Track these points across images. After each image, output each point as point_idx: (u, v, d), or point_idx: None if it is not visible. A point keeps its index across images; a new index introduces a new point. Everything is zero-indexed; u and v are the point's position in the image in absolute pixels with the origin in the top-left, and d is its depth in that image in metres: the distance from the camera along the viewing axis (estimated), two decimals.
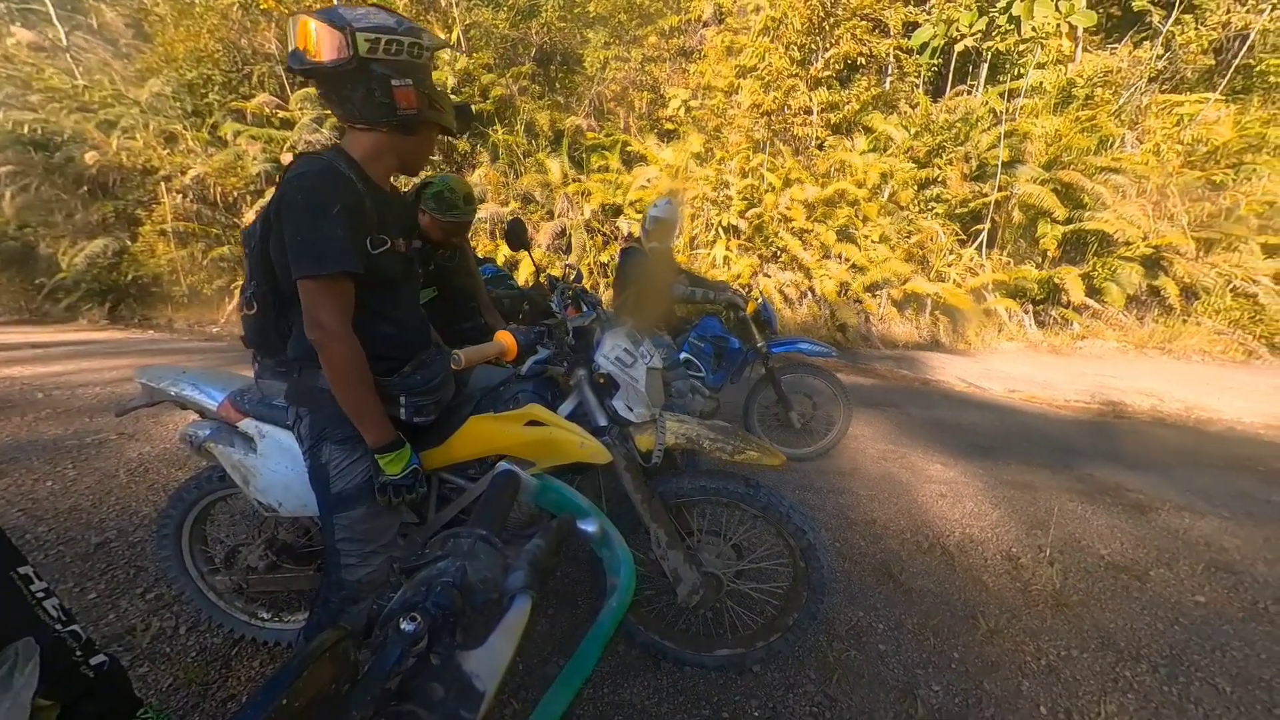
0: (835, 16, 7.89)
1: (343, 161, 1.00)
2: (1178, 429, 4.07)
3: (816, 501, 2.54)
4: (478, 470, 1.26)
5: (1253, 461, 3.30)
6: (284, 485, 1.26)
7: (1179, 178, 6.95)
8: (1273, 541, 2.32)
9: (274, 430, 1.27)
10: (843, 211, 7.32)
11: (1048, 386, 4.99)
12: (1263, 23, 7.77)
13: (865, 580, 1.94)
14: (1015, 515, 2.49)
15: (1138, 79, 7.86)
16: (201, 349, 6.36)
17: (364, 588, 1.12)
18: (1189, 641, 1.69)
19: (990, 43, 7.96)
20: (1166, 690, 1.49)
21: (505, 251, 7.30)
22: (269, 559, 1.44)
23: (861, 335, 6.98)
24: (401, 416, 1.13)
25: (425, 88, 1.00)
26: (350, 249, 0.94)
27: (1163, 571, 2.07)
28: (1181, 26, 8.22)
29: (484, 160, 8.43)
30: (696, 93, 8.56)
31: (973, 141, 7.47)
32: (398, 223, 1.10)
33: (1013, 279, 7.11)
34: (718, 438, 1.30)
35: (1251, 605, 1.88)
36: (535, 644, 1.55)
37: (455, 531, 0.56)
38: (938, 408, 4.35)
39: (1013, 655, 1.60)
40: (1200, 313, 6.72)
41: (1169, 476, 3.03)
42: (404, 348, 1.14)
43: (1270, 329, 6.35)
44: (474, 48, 8.98)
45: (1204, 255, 6.80)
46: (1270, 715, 1.42)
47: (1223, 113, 7.52)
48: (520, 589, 0.50)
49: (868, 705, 1.41)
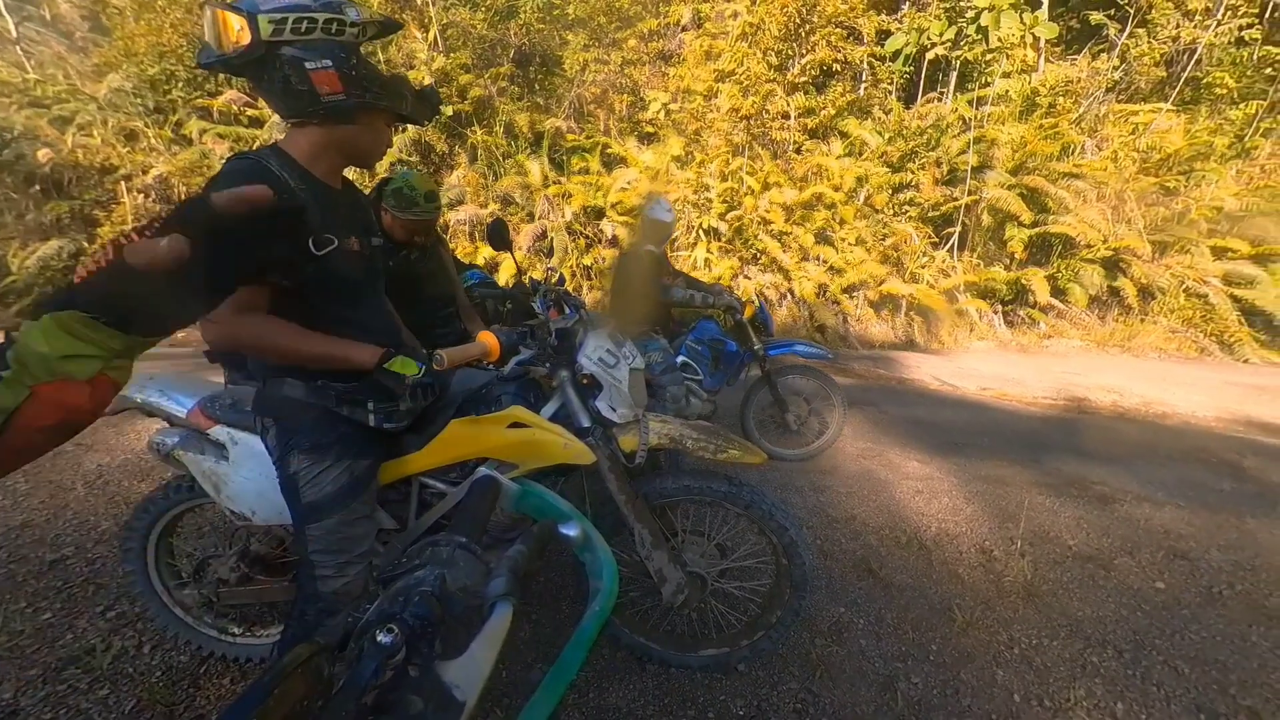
0: (811, 23, 8.05)
1: (276, 160, 0.94)
2: (1137, 423, 4.26)
3: (798, 499, 2.58)
4: (460, 474, 1.24)
5: (1205, 453, 3.47)
6: (257, 493, 1.22)
7: (1135, 183, 7.30)
8: (1225, 529, 2.45)
9: (246, 437, 1.23)
10: (820, 214, 7.46)
11: (1017, 384, 5.16)
12: (1208, 38, 8.22)
13: (846, 576, 1.98)
14: (988, 509, 2.57)
15: (1096, 89, 8.24)
16: (170, 354, 6.10)
17: (341, 599, 1.09)
18: (1150, 626, 1.77)
19: (959, 52, 8.22)
20: (1130, 674, 1.56)
21: (486, 253, 7.22)
22: (241, 571, 1.39)
23: (839, 336, 7.11)
24: (370, 423, 1.09)
25: (352, 68, 0.90)
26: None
27: (1126, 560, 2.16)
28: (1135, 40, 8.64)
29: (462, 161, 8.33)
30: (676, 96, 8.62)
31: (944, 147, 7.70)
32: (350, 221, 1.05)
33: (983, 280, 7.35)
34: (701, 437, 1.31)
35: (1207, 590, 1.98)
36: (518, 650, 1.53)
37: (434, 539, 0.55)
38: (914, 406, 4.46)
39: (987, 645, 1.65)
40: (1156, 312, 7.05)
41: (1130, 469, 3.16)
42: None
43: (1220, 327, 6.71)
44: (451, 48, 8.87)
45: (1159, 257, 7.14)
46: (1225, 694, 1.49)
47: (1174, 122, 7.93)
48: (501, 596, 0.49)
49: (850, 700, 1.43)
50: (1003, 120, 7.87)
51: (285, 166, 0.95)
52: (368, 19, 0.92)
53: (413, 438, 1.21)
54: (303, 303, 0.97)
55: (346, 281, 1.04)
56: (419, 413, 1.21)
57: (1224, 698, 1.48)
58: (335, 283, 1.01)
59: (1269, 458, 3.41)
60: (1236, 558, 2.20)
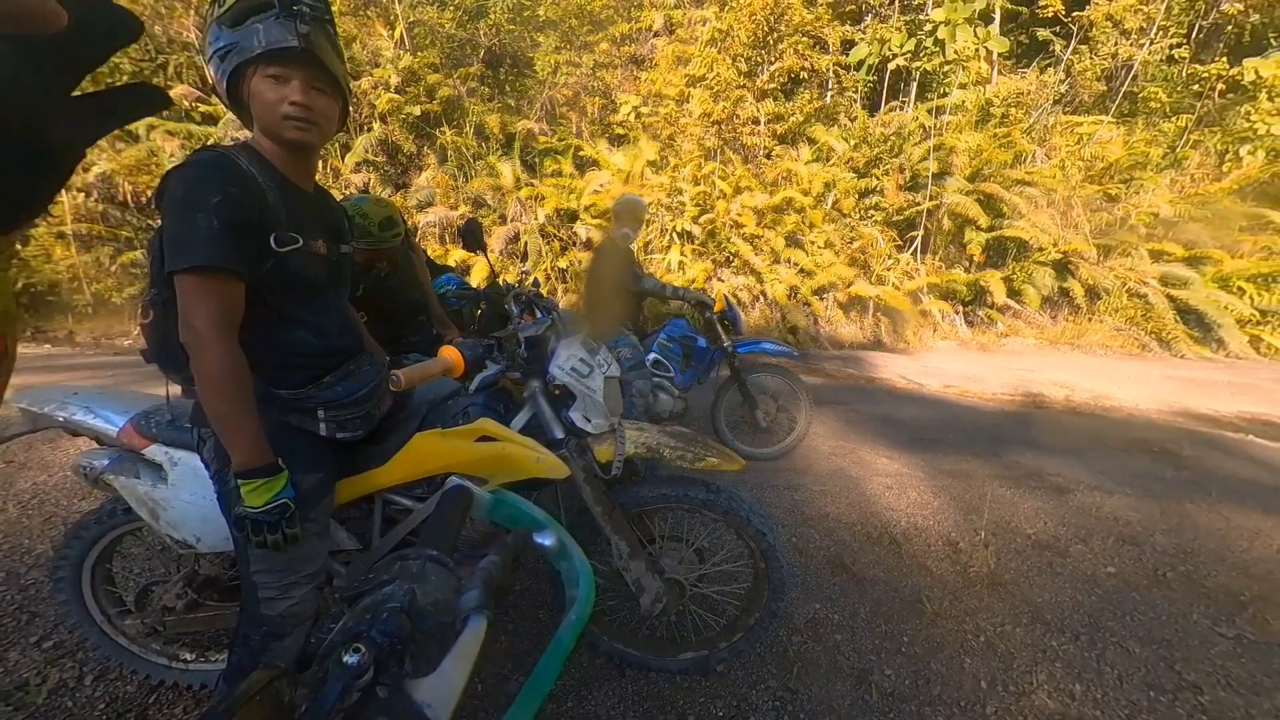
0: (779, 32, 8.25)
1: (246, 155, 0.92)
2: (1087, 416, 4.50)
3: (773, 499, 2.61)
4: (426, 490, 1.19)
5: (1148, 443, 3.70)
6: (201, 518, 1.13)
7: (1081, 190, 7.75)
8: (1167, 514, 2.61)
9: (188, 456, 1.14)
10: (790, 218, 7.63)
11: (977, 381, 5.39)
12: (1143, 55, 8.82)
13: (820, 573, 2.01)
14: (953, 502, 2.66)
15: (1044, 101, 8.72)
16: (110, 364, 5.74)
17: (287, 622, 1.02)
18: (1104, 610, 1.86)
19: (919, 63, 8.56)
20: (1086, 656, 1.63)
21: (458, 255, 7.08)
22: (189, 597, 1.29)
23: (811, 337, 7.27)
24: (321, 432, 1.04)
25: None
26: (228, 244, 0.85)
27: (1080, 547, 2.28)
28: (1079, 56, 9.18)
29: (431, 162, 8.15)
30: (648, 100, 8.68)
31: (906, 154, 8.00)
32: (320, 224, 1.02)
33: (944, 282, 7.66)
34: (678, 445, 1.30)
35: (1153, 573, 2.10)
36: (494, 663, 1.49)
37: (403, 554, 0.52)
38: (882, 404, 4.59)
39: (955, 635, 1.71)
40: (1102, 311, 7.49)
41: (1082, 460, 3.33)
42: (325, 356, 1.05)
43: (1158, 325, 7.17)
44: (419, 46, 8.68)
45: (1103, 260, 7.59)
46: (1171, 671, 1.58)
47: (1114, 133, 8.47)
48: (475, 608, 0.47)
49: (827, 694, 1.45)
50: (960, 129, 8.23)
51: (256, 163, 0.92)
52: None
53: (373, 450, 1.15)
54: (256, 299, 0.93)
55: (307, 282, 1.00)
56: (376, 423, 1.16)
57: (1170, 674, 1.57)
58: (295, 282, 0.97)
59: (1204, 446, 3.66)
60: (1178, 541, 2.34)
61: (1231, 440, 3.85)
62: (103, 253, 7.71)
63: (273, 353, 0.98)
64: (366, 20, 8.80)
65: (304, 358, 1.02)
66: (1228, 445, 3.73)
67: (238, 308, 0.90)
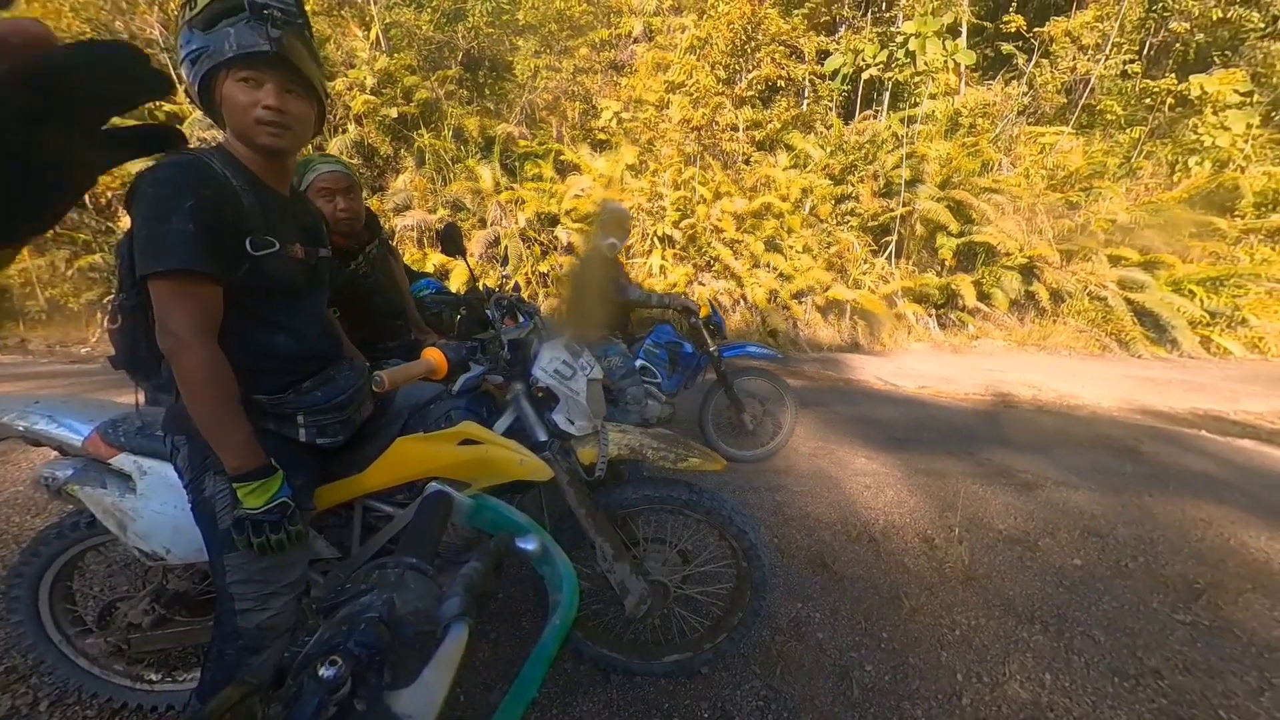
0: (756, 40, 8.40)
1: (220, 158, 0.90)
2: (1053, 414, 4.68)
3: (755, 500, 2.64)
4: (407, 495, 1.17)
5: (1110, 440, 3.86)
6: (173, 528, 1.10)
7: (1044, 198, 8.08)
8: (1128, 507, 2.73)
9: (157, 465, 1.11)
10: (769, 223, 7.75)
11: (950, 382, 5.55)
12: (1099, 70, 9.26)
13: (802, 572, 2.04)
14: (929, 500, 2.73)
15: (1009, 111, 9.07)
16: (67, 373, 5.47)
17: (265, 634, 0.99)
18: (1070, 600, 1.93)
19: (891, 73, 8.82)
20: (1055, 645, 1.69)
21: (436, 259, 6.97)
22: (156, 613, 1.24)
23: (790, 340, 7.39)
24: (301, 438, 1.03)
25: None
26: (202, 247, 0.83)
27: (1048, 540, 2.36)
28: (1041, 69, 9.59)
29: (409, 165, 8.03)
30: (628, 105, 8.73)
31: (880, 161, 8.22)
32: (296, 228, 1.01)
33: (918, 286, 7.87)
34: (661, 446, 1.31)
35: (1116, 564, 2.19)
36: (476, 672, 1.47)
37: (381, 562, 0.52)
38: (860, 405, 4.69)
39: (932, 629, 1.75)
40: (1066, 314, 7.80)
41: (1049, 456, 3.46)
42: (304, 361, 1.03)
43: (1117, 327, 7.51)
44: (395, 48, 8.56)
45: (1066, 264, 7.91)
46: (1134, 657, 1.65)
47: (1074, 144, 8.87)
48: (456, 616, 0.47)
49: (809, 692, 1.47)
50: (931, 138, 8.50)
51: (229, 166, 0.90)
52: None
53: (353, 456, 1.13)
54: (233, 303, 0.91)
55: (284, 286, 0.98)
56: (357, 428, 1.14)
57: (1133, 660, 1.64)
58: (271, 286, 0.95)
59: (1161, 442, 3.84)
60: (1139, 532, 2.45)
61: (1186, 435, 4.05)
62: (58, 256, 7.36)
63: (250, 357, 0.96)
64: (341, 21, 8.65)
65: (282, 362, 1.00)
66: (1182, 440, 3.92)
67: (217, 311, 0.89)
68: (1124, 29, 9.39)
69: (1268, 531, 2.48)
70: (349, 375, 1.10)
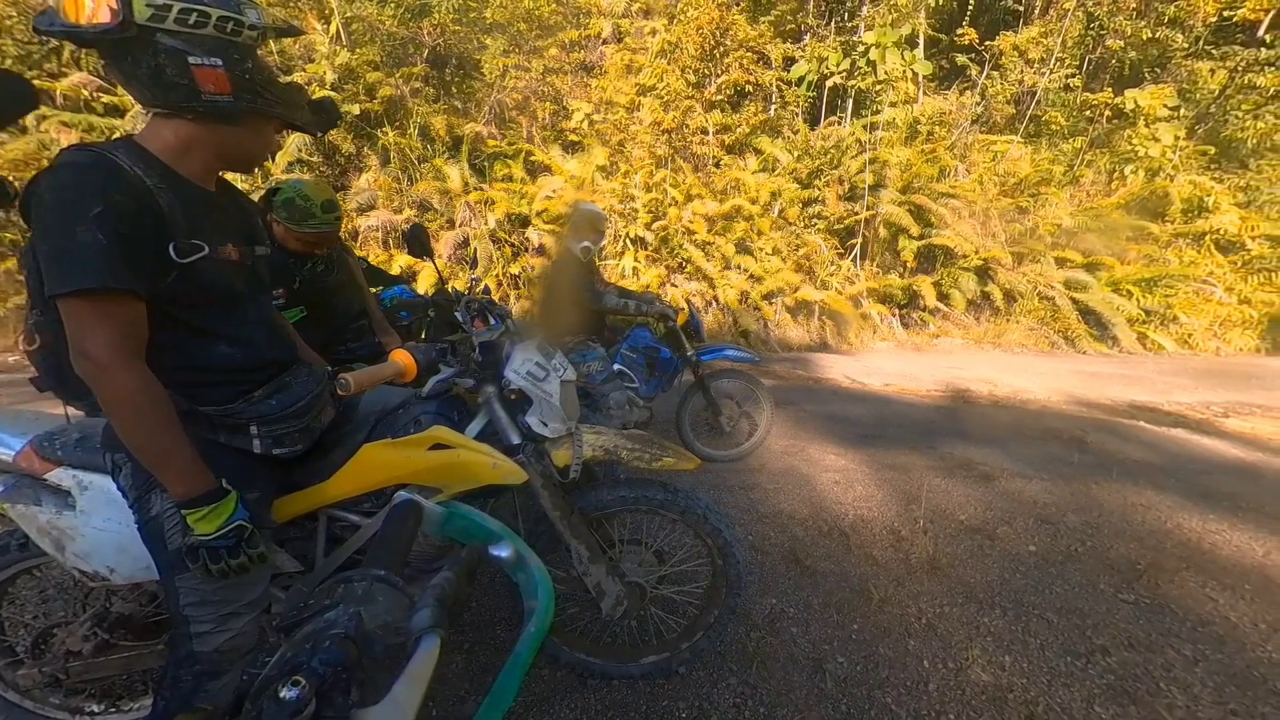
0: (725, 46, 8.53)
1: (128, 154, 0.81)
2: (1008, 409, 4.92)
3: (729, 499, 2.67)
4: (374, 504, 1.13)
5: (1059, 432, 4.09)
6: (117, 546, 1.03)
7: (997, 203, 8.51)
8: (1077, 495, 2.89)
9: (99, 479, 1.03)
10: (740, 226, 7.87)
11: (913, 379, 5.76)
12: (1044, 83, 9.83)
13: (776, 568, 2.08)
14: (895, 494, 2.83)
15: (964, 120, 9.51)
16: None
17: (225, 657, 0.93)
18: (1026, 585, 2.04)
19: (854, 81, 9.10)
20: (1013, 629, 1.78)
21: (402, 260, 6.78)
22: (99, 638, 1.15)
23: (761, 340, 7.52)
24: (256, 449, 0.96)
25: (245, 71, 0.83)
26: (117, 259, 0.75)
27: (1005, 529, 2.48)
28: (992, 80, 10.10)
29: (373, 164, 7.78)
30: (599, 107, 8.71)
31: (844, 166, 8.47)
32: (227, 227, 0.93)
33: (882, 287, 8.16)
34: (635, 447, 1.31)
35: (1067, 549, 2.32)
36: (449, 684, 1.44)
37: (347, 575, 0.50)
38: (829, 403, 4.81)
39: (900, 619, 1.81)
40: (1018, 313, 8.23)
41: (1004, 449, 3.64)
42: (254, 371, 0.97)
43: (1064, 325, 7.97)
44: (357, 43, 8.29)
45: (1018, 266, 8.35)
46: (1084, 636, 1.75)
47: (1023, 152, 9.37)
48: (427, 629, 0.45)
49: (785, 686, 1.50)
50: (892, 144, 8.82)
51: (140, 162, 0.81)
52: (268, 23, 0.84)
53: (316, 464, 1.08)
54: (163, 315, 0.84)
55: (220, 292, 0.90)
56: (318, 436, 1.08)
57: (1083, 639, 1.74)
58: (205, 293, 0.88)
59: (1104, 433, 4.09)
60: (1087, 519, 2.60)
61: (1126, 426, 4.33)
62: None
63: (190, 372, 0.89)
64: (299, 13, 8.32)
65: (229, 374, 0.94)
66: (1123, 431, 4.19)
67: (140, 329, 0.80)
68: (1065, 45, 9.99)
69: (1198, 514, 2.68)
70: (307, 381, 1.04)
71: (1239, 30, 10.56)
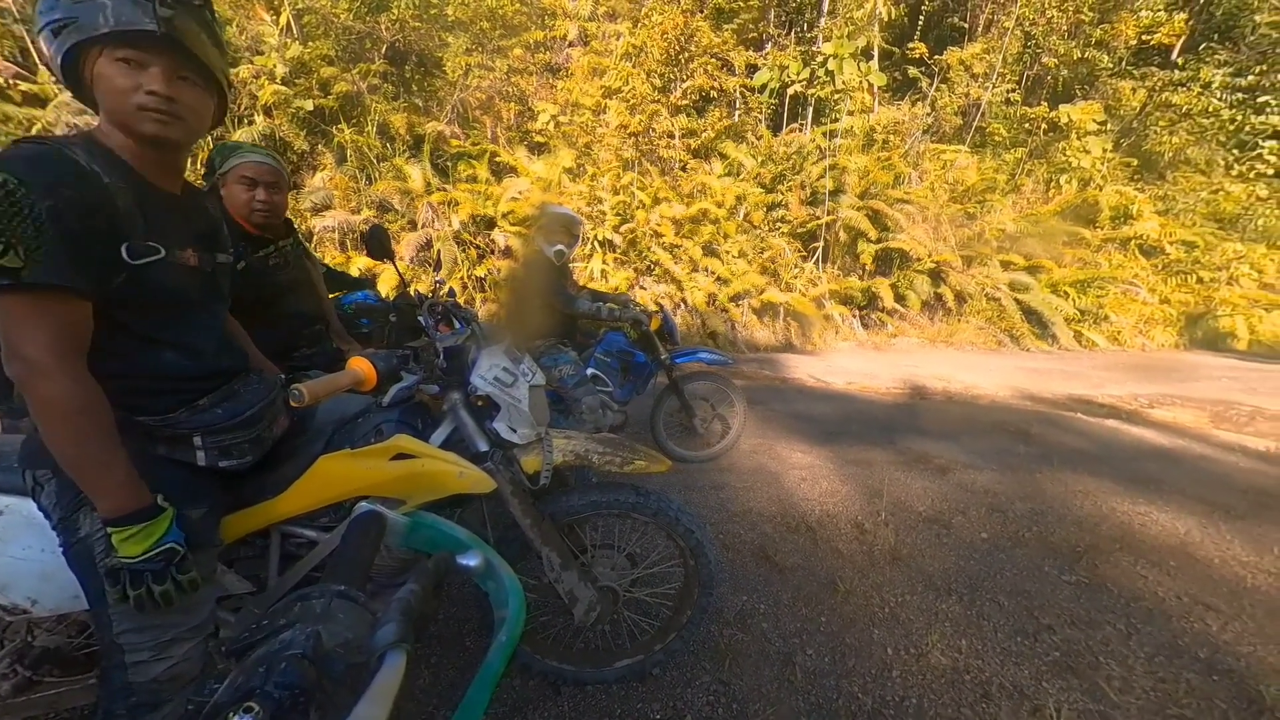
0: (689, 52, 8.65)
1: (85, 149, 0.77)
2: (961, 404, 5.18)
3: (700, 499, 2.70)
4: (333, 518, 1.08)
5: (1006, 425, 4.34)
6: (39, 574, 0.95)
7: (947, 209, 8.97)
8: (1024, 484, 3.07)
9: (16, 501, 0.95)
10: (706, 229, 7.99)
11: (873, 377, 5.98)
12: (987, 96, 10.44)
13: (746, 566, 2.11)
14: (858, 488, 2.93)
15: (916, 130, 9.99)
16: None
17: (165, 687, 0.86)
18: (979, 571, 2.15)
19: (813, 90, 9.41)
20: (969, 614, 1.87)
21: (361, 263, 6.53)
22: (20, 676, 1.05)
23: (729, 341, 7.64)
24: (199, 461, 0.91)
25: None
26: (63, 258, 0.72)
27: (960, 519, 2.61)
28: (941, 93, 10.65)
29: (328, 162, 7.47)
30: (565, 109, 8.66)
31: (806, 172, 8.74)
32: (188, 231, 0.89)
33: (843, 289, 8.45)
34: (606, 450, 1.30)
35: (1015, 535, 2.46)
36: (417, 700, 1.39)
37: (304, 592, 0.47)
38: (795, 402, 4.94)
39: (865, 610, 1.87)
40: (968, 313, 8.69)
41: (958, 442, 3.83)
42: (200, 380, 0.92)
43: (1009, 324, 8.48)
44: (310, 36, 7.95)
45: (967, 269, 8.82)
46: (1032, 617, 1.86)
47: (970, 161, 9.93)
48: (392, 644, 0.44)
49: (756, 682, 1.52)
50: (850, 151, 9.16)
51: (98, 159, 0.77)
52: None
53: (268, 478, 1.02)
54: (109, 318, 0.79)
55: (173, 298, 0.86)
56: (269, 447, 1.03)
57: (1031, 619, 1.85)
58: (157, 298, 0.84)
59: (1046, 425, 4.37)
60: (1032, 506, 2.77)
61: (1065, 418, 4.64)
62: None
63: (132, 379, 0.84)
64: (244, 2, 7.90)
65: (173, 382, 0.88)
66: (1063, 423, 4.48)
67: (84, 330, 0.76)
68: (1006, 61, 10.65)
69: (1129, 498, 2.90)
70: (257, 389, 0.99)
71: (1156, 53, 11.56)
